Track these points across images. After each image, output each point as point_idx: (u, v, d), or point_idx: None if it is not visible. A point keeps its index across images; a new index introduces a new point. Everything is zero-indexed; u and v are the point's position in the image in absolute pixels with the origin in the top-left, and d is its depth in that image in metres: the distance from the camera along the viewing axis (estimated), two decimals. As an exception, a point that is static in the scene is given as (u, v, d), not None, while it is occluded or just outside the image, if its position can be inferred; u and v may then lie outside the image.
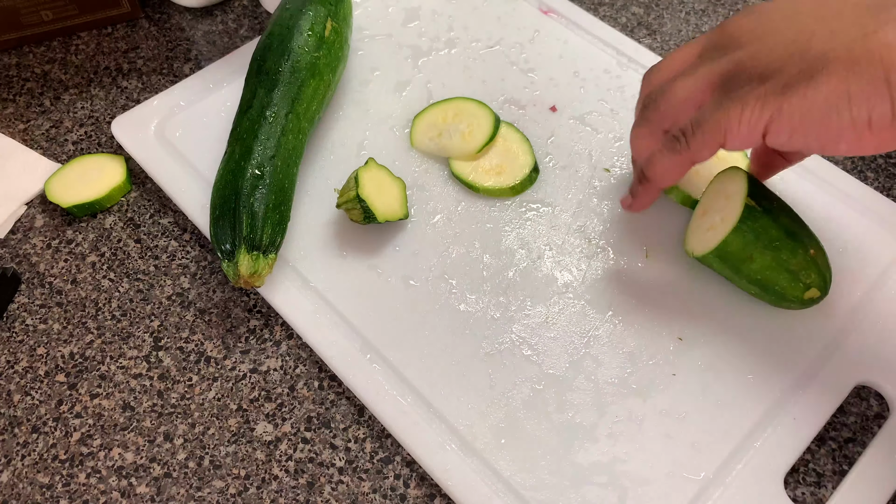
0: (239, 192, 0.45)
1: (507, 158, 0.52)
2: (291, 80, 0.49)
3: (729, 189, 0.45)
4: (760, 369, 0.44)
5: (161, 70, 0.62)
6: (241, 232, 0.44)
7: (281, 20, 0.52)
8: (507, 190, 0.51)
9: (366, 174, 0.48)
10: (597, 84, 0.58)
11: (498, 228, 0.50)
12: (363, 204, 0.46)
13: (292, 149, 0.48)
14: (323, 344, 0.45)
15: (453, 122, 0.52)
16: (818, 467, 0.43)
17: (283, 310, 0.46)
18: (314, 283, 0.47)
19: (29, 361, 0.47)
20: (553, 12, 0.62)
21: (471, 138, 0.51)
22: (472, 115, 0.52)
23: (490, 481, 0.40)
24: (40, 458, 0.43)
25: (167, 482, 0.42)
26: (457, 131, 0.52)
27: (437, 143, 0.52)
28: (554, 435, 0.42)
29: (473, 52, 0.60)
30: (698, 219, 0.47)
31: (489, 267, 0.48)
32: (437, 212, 0.51)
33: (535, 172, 0.52)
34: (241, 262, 0.44)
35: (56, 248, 0.52)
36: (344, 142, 0.55)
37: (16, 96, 0.60)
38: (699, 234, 0.46)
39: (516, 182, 0.51)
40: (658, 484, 0.40)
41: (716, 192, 0.46)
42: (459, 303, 0.47)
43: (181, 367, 0.47)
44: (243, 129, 0.48)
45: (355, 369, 0.44)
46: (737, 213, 0.43)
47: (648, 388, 0.44)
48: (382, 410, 0.43)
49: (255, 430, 0.44)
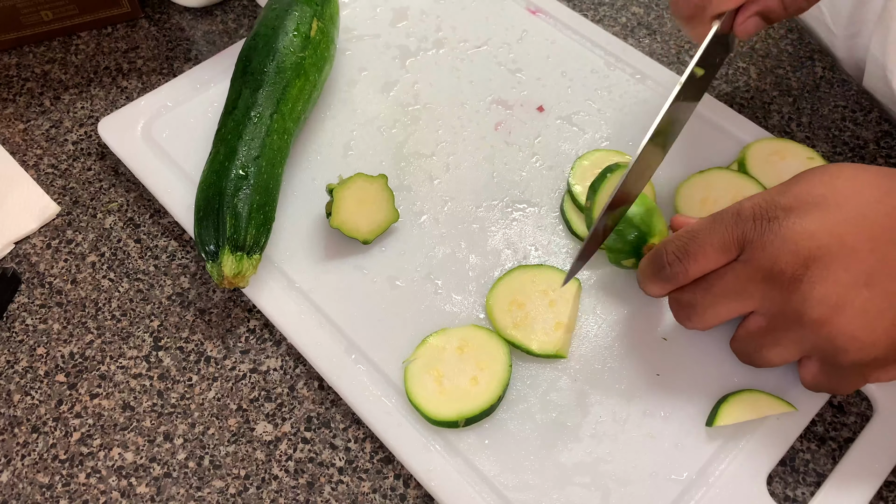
0: (223, 193, 0.45)
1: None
2: (276, 80, 0.49)
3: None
4: (744, 370, 0.44)
5: (161, 70, 0.62)
6: (225, 233, 0.44)
7: (267, 20, 0.52)
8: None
9: (342, 192, 0.47)
10: (584, 84, 0.58)
11: (484, 229, 0.50)
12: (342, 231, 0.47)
13: (277, 149, 0.48)
14: (308, 345, 0.45)
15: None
16: (818, 467, 0.43)
17: (267, 310, 0.46)
18: (299, 284, 0.47)
19: (29, 361, 0.47)
20: (541, 12, 0.62)
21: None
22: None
23: (473, 482, 0.40)
24: (40, 458, 0.43)
25: (167, 482, 0.43)
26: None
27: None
28: (538, 435, 0.42)
29: (461, 53, 0.60)
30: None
31: (475, 267, 0.48)
32: (423, 212, 0.51)
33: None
34: (224, 263, 0.44)
35: (56, 248, 0.52)
36: (331, 142, 0.55)
37: (16, 96, 0.60)
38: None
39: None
40: (641, 484, 0.40)
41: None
42: (445, 303, 0.47)
43: (181, 367, 0.47)
44: (228, 129, 0.48)
45: (340, 370, 0.44)
46: None
47: (632, 388, 0.44)
48: (367, 411, 0.43)
49: (255, 430, 0.44)
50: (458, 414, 0.41)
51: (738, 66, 0.62)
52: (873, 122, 0.58)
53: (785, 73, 0.61)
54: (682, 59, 0.62)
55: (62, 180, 0.55)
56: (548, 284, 0.46)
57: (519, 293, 0.46)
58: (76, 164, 0.56)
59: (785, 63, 0.62)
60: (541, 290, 0.46)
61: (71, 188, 0.55)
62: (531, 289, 0.46)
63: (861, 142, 0.56)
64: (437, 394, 0.42)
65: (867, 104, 0.59)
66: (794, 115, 0.58)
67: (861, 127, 0.57)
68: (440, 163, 0.53)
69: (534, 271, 0.47)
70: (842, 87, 0.60)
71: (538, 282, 0.46)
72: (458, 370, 0.43)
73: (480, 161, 0.54)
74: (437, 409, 0.42)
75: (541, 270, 0.47)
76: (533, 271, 0.47)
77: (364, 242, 0.48)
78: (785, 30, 0.65)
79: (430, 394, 0.42)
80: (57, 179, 0.55)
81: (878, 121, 0.58)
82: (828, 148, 0.57)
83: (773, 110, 0.59)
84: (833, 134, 0.57)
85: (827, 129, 0.57)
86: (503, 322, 0.45)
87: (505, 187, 0.52)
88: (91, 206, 0.54)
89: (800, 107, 0.59)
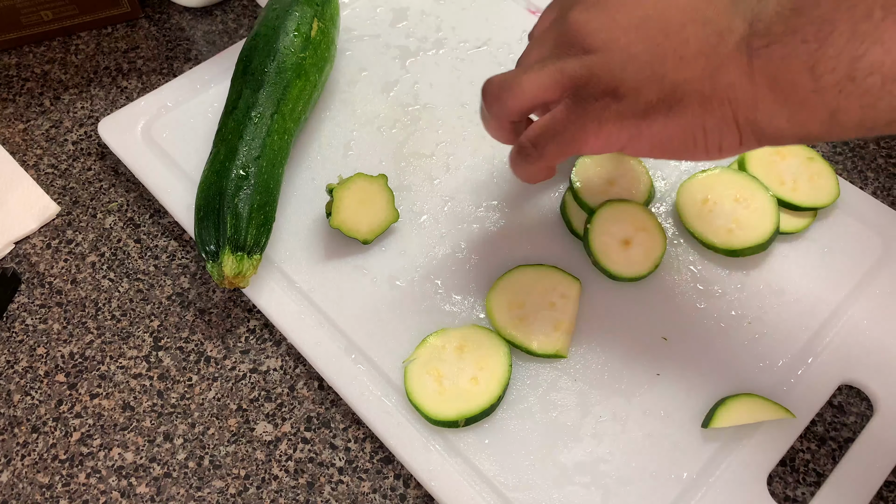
0: (223, 193, 0.45)
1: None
2: (277, 80, 0.49)
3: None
4: (743, 369, 0.44)
5: (161, 70, 0.62)
6: (226, 233, 0.44)
7: (267, 20, 0.52)
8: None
9: (342, 192, 0.47)
10: (584, 84, 0.58)
11: (484, 229, 0.50)
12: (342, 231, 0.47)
13: (278, 149, 0.48)
14: (307, 344, 0.45)
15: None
16: (818, 467, 0.43)
17: (267, 310, 0.46)
18: (299, 284, 0.47)
19: (29, 361, 0.47)
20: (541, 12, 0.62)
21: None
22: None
23: (473, 482, 0.40)
24: (40, 458, 0.44)
25: (167, 482, 0.43)
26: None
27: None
28: (538, 435, 0.42)
29: (461, 53, 0.60)
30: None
31: (475, 267, 0.48)
32: (423, 212, 0.51)
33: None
34: (225, 263, 0.44)
35: (56, 247, 0.52)
36: (331, 142, 0.55)
37: (16, 96, 0.60)
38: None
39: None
40: (641, 484, 0.40)
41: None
42: (445, 303, 0.47)
43: (181, 367, 0.47)
44: (228, 129, 0.48)
45: (339, 370, 0.44)
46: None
47: (633, 387, 0.44)
48: (367, 410, 0.43)
49: (255, 430, 0.44)
50: (458, 414, 0.41)
51: (739, 66, 0.62)
52: (873, 122, 0.58)
53: (785, 73, 0.61)
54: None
55: (62, 180, 0.55)
56: (548, 284, 0.46)
57: (519, 293, 0.46)
58: (76, 164, 0.56)
59: (785, 63, 0.62)
60: (541, 290, 0.46)
61: (71, 188, 0.55)
62: (531, 288, 0.46)
63: (861, 141, 0.56)
64: (437, 393, 0.42)
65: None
66: (795, 115, 0.58)
67: (861, 127, 0.57)
68: (440, 163, 0.53)
69: (534, 271, 0.47)
70: (842, 88, 0.60)
71: (538, 281, 0.46)
72: (458, 370, 0.43)
73: (480, 161, 0.54)
74: (438, 409, 0.42)
75: (541, 270, 0.47)
76: (533, 271, 0.47)
77: (364, 242, 0.48)
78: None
79: (430, 393, 0.42)
80: (57, 179, 0.55)
81: (879, 121, 0.58)
82: (828, 148, 0.57)
83: (773, 110, 0.58)
84: (833, 134, 0.57)
85: (827, 129, 0.57)
86: (503, 321, 0.45)
87: (504, 187, 0.52)
88: (91, 206, 0.54)
89: (800, 107, 0.59)
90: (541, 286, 0.46)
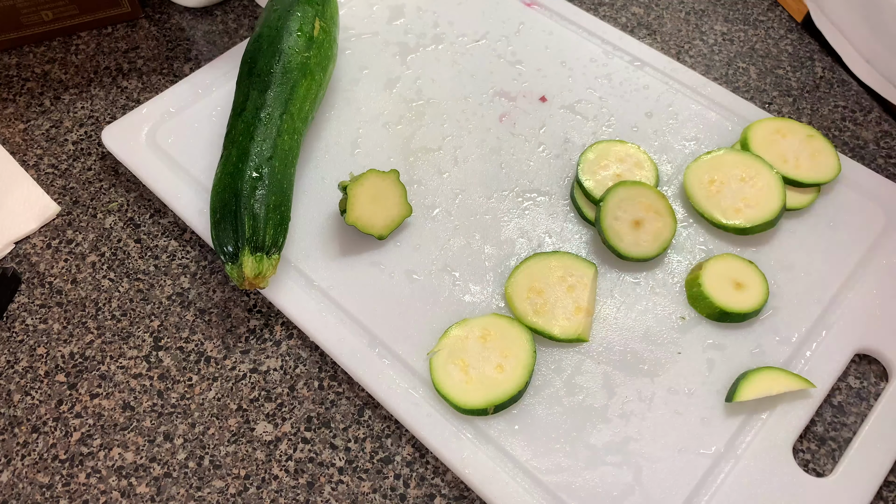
0: (239, 194, 0.45)
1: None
2: (284, 80, 0.49)
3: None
4: (762, 342, 0.45)
5: (161, 70, 0.61)
6: (244, 234, 0.44)
7: (269, 21, 0.52)
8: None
9: (356, 189, 0.48)
10: (584, 73, 0.58)
11: (497, 219, 0.51)
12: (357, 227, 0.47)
13: (288, 149, 0.48)
14: (331, 341, 0.45)
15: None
16: (818, 467, 0.43)
17: (288, 310, 0.46)
18: (318, 282, 0.48)
19: (29, 361, 0.47)
20: (536, 4, 0.63)
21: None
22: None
23: (506, 467, 0.41)
24: (40, 458, 0.43)
25: (167, 482, 0.42)
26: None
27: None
28: (566, 418, 0.42)
29: (460, 47, 0.60)
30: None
31: (491, 257, 0.49)
32: (435, 206, 0.51)
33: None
34: (245, 264, 0.44)
35: (56, 247, 0.51)
36: (338, 140, 0.55)
37: (16, 96, 0.60)
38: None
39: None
40: (671, 460, 0.41)
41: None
42: (464, 294, 0.47)
43: (181, 367, 0.46)
44: (238, 131, 0.48)
45: (365, 365, 0.44)
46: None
47: (656, 367, 0.44)
48: (395, 404, 0.43)
49: (255, 430, 0.44)
50: (486, 401, 0.42)
51: (738, 66, 0.62)
52: (873, 122, 0.58)
53: (785, 73, 0.62)
54: (682, 59, 0.62)
55: (62, 180, 0.55)
56: (565, 270, 0.47)
57: (537, 280, 0.46)
58: (76, 164, 0.56)
59: (785, 63, 0.63)
60: (558, 276, 0.47)
61: (71, 188, 0.54)
62: (549, 275, 0.47)
63: (861, 142, 0.57)
64: (464, 383, 0.42)
65: (867, 104, 0.59)
66: (794, 115, 0.59)
67: (861, 127, 0.58)
68: (448, 156, 0.54)
69: (550, 258, 0.47)
70: (842, 87, 0.61)
71: (555, 268, 0.47)
72: (482, 358, 0.43)
73: (487, 153, 0.54)
74: (466, 398, 0.42)
75: (557, 257, 0.47)
76: (549, 258, 0.47)
77: (379, 238, 0.48)
78: (785, 30, 0.65)
79: (457, 383, 0.43)
80: (57, 179, 0.55)
81: (878, 121, 0.58)
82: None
83: (773, 110, 0.59)
84: (833, 134, 0.58)
85: (827, 129, 0.58)
86: (523, 309, 0.45)
87: (514, 177, 0.53)
88: (91, 206, 0.54)
89: (800, 107, 0.59)
90: (557, 273, 0.47)
